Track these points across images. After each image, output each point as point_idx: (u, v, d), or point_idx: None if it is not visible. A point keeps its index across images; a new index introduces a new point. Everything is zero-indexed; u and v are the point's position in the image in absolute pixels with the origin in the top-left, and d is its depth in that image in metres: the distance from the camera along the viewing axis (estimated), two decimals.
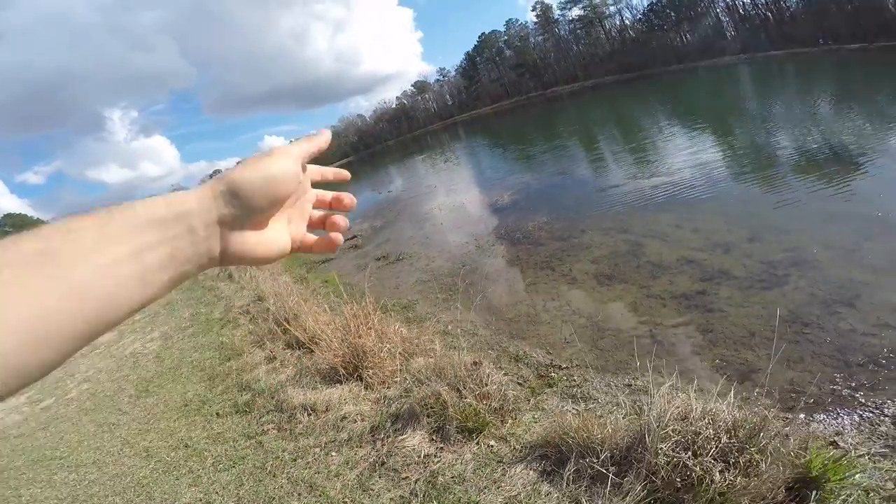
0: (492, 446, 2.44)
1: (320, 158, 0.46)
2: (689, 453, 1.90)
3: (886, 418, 2.49)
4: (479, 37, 79.35)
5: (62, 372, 6.03)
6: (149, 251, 0.32)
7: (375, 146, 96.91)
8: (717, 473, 1.81)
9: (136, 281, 0.31)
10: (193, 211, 0.35)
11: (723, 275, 4.16)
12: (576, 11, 73.00)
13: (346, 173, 0.51)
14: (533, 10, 71.74)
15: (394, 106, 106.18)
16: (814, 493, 1.84)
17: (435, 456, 2.32)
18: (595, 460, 2.05)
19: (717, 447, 1.89)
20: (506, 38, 76.91)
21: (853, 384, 2.75)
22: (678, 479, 1.89)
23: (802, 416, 2.56)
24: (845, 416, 2.55)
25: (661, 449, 1.93)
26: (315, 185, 0.47)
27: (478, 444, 2.42)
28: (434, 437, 2.43)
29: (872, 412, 2.55)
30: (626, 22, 70.04)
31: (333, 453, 2.65)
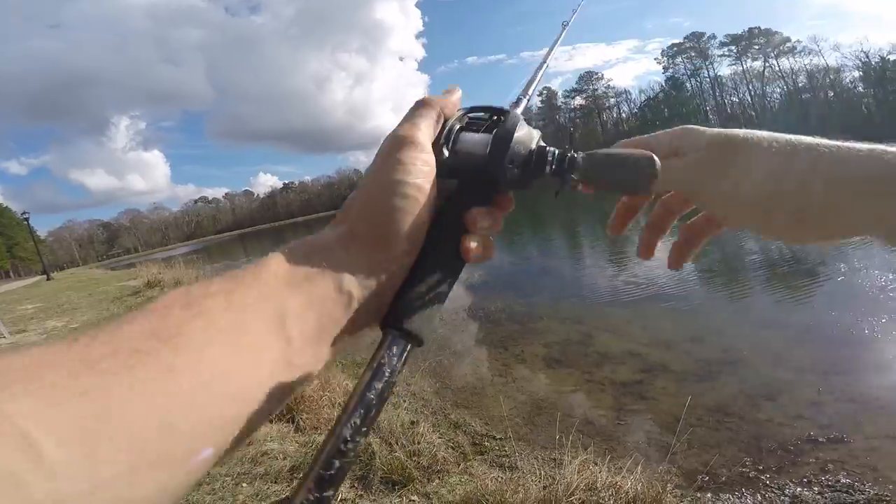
0: (413, 501, 2.75)
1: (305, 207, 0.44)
2: None
3: (786, 498, 2.89)
4: None
5: None
6: (293, 321, 0.25)
7: None
8: None
9: (282, 365, 0.24)
10: (343, 262, 0.28)
11: (661, 368, 4.67)
12: (578, 101, 79.82)
13: None
14: (540, 95, 77.88)
15: None
16: None
17: (353, 502, 2.62)
18: None
19: None
20: None
21: (761, 467, 3.16)
22: None
23: (709, 494, 2.94)
24: (749, 497, 2.93)
25: None
26: None
27: (400, 496, 2.73)
28: (355, 485, 2.74)
29: (774, 492, 2.94)
30: (623, 115, 76.35)
31: (244, 484, 2.73)
